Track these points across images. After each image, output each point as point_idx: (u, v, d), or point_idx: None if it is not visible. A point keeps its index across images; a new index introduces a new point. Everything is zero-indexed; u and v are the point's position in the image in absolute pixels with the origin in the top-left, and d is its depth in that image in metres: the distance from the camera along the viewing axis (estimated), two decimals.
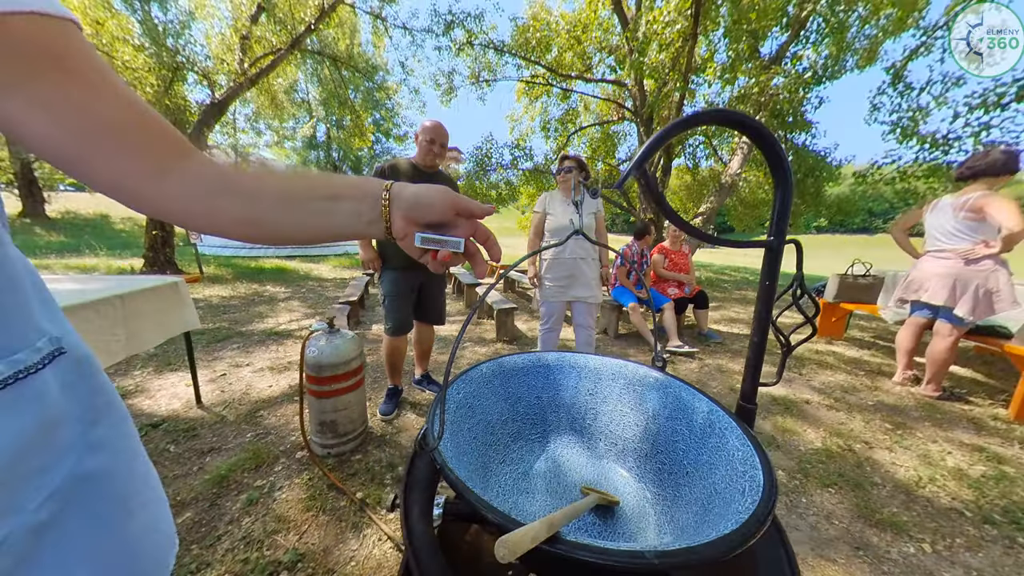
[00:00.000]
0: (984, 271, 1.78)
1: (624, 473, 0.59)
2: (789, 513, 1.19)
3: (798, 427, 1.71)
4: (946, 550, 1.06)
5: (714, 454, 0.47)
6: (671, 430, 0.56)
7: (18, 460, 0.22)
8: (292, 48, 6.94)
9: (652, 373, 0.63)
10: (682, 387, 0.58)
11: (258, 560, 0.96)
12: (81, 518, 0.26)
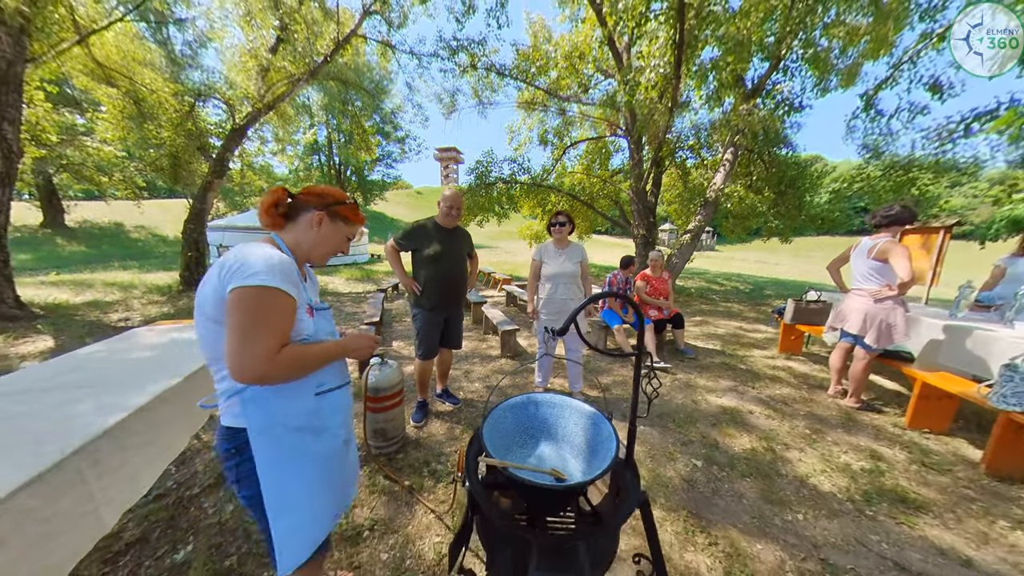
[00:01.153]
0: (886, 308, 2.26)
1: (573, 460, 1.06)
2: (713, 496, 1.68)
3: (736, 432, 2.20)
4: (813, 519, 1.54)
5: (606, 444, 0.94)
6: (593, 435, 1.02)
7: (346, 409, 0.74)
8: (310, 78, 7.45)
9: (587, 408, 1.08)
10: (599, 415, 1.03)
11: (349, 524, 1.45)
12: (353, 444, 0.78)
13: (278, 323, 0.70)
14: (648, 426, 2.26)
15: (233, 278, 0.67)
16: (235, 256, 0.70)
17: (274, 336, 0.69)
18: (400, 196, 43.96)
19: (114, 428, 1.01)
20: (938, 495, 1.69)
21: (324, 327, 0.86)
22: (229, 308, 0.67)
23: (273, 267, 0.70)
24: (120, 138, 8.75)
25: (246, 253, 0.71)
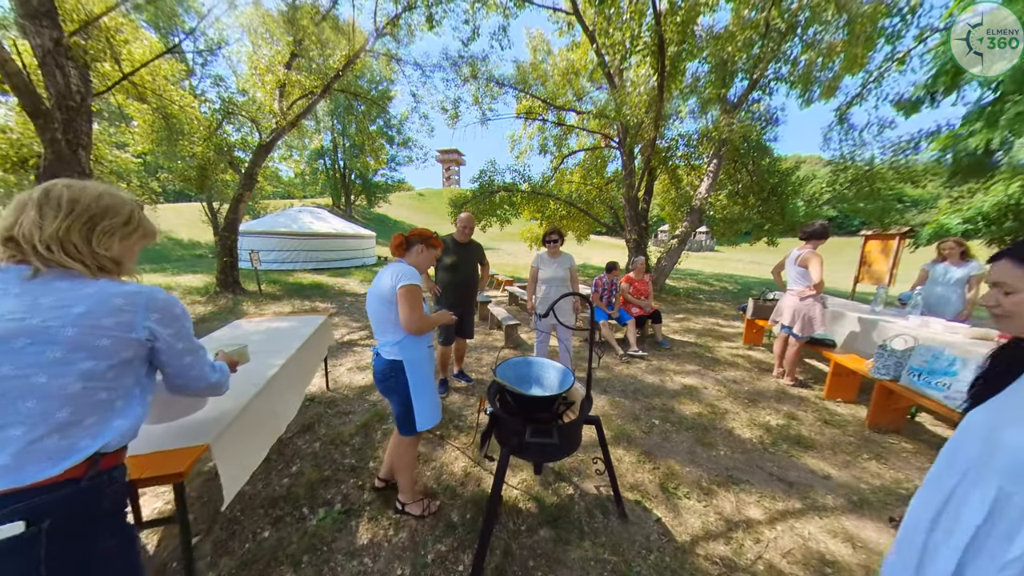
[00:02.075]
0: (808, 305, 2.88)
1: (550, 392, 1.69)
2: (662, 442, 2.29)
3: (690, 402, 2.81)
4: (729, 454, 2.16)
5: (568, 382, 1.55)
6: (562, 379, 1.63)
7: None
8: (324, 93, 8.08)
9: (559, 366, 1.69)
10: (567, 371, 1.65)
11: None
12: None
13: (420, 304, 1.40)
14: (622, 398, 2.87)
15: (401, 281, 1.37)
16: (399, 270, 1.41)
17: (420, 310, 1.39)
18: (403, 199, 44.59)
19: (277, 374, 1.64)
20: (826, 440, 2.31)
21: (427, 308, 1.54)
22: (400, 297, 1.37)
23: (416, 276, 1.42)
24: (149, 150, 9.42)
25: (403, 270, 1.42)
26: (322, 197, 33.03)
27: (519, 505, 1.72)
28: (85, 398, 0.65)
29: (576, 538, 1.55)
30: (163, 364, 0.80)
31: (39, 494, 0.59)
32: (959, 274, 3.09)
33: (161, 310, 0.75)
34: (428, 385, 1.51)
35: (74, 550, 0.61)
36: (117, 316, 0.68)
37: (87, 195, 0.70)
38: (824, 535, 1.61)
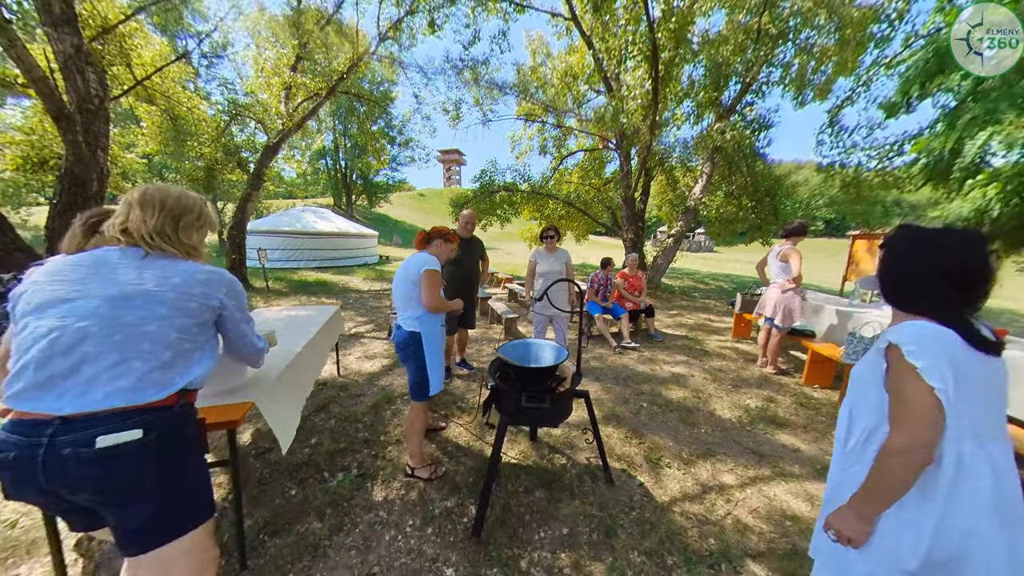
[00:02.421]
0: (788, 297, 3.08)
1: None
2: (649, 421, 2.49)
3: (677, 388, 3.01)
4: (710, 432, 2.35)
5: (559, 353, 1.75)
6: (556, 356, 1.83)
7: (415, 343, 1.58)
8: (329, 95, 8.29)
9: (554, 345, 1.89)
10: (561, 348, 1.85)
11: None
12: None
13: (439, 286, 1.67)
14: (613, 384, 3.07)
15: (424, 266, 1.64)
16: (424, 258, 1.70)
17: (439, 291, 1.67)
18: (403, 198, 44.82)
19: (301, 351, 1.84)
20: (799, 420, 2.51)
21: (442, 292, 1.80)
22: (423, 278, 1.65)
23: (436, 264, 1.69)
24: (157, 150, 9.63)
25: (427, 258, 1.71)
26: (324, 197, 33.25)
27: (517, 471, 1.92)
28: (178, 346, 0.84)
29: (567, 498, 1.75)
30: (226, 329, 1.00)
31: (149, 413, 0.79)
32: None
33: (229, 286, 0.95)
34: (439, 356, 1.77)
35: (171, 459, 0.81)
36: (202, 287, 0.88)
37: (170, 196, 0.91)
38: (788, 496, 1.80)
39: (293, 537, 1.46)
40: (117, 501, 0.76)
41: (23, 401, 0.73)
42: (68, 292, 0.78)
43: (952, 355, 0.67)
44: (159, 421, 0.80)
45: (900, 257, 0.80)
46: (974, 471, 0.68)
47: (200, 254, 0.96)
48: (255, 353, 1.11)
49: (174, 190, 0.93)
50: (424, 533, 1.52)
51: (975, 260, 0.72)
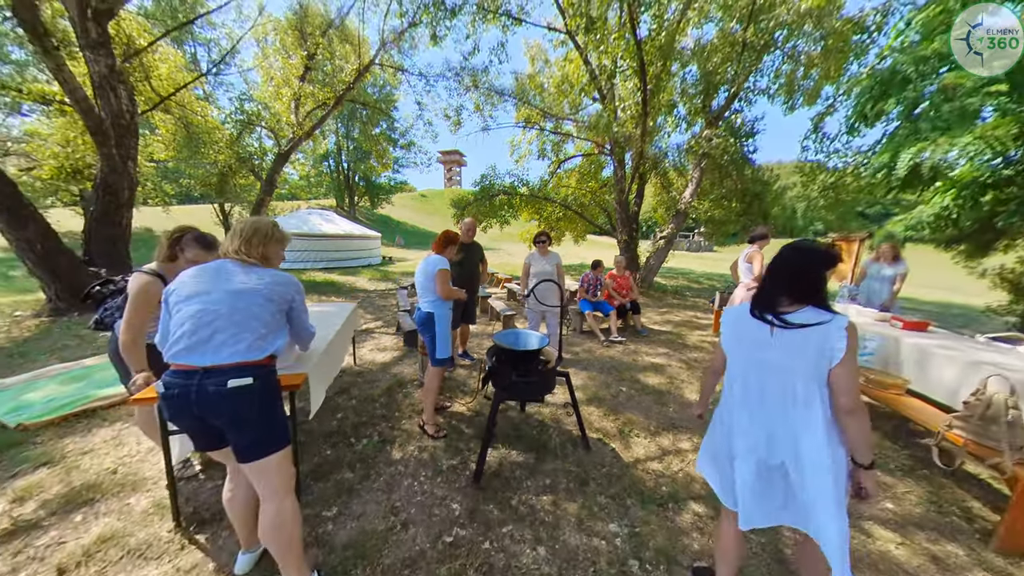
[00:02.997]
0: (751, 294, 3.45)
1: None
2: (627, 403, 2.87)
3: (655, 376, 3.40)
4: (677, 411, 2.74)
5: (542, 341, 2.16)
6: (539, 342, 2.24)
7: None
8: (337, 104, 8.70)
9: (539, 335, 2.29)
10: (544, 337, 2.24)
11: (416, 409, 2.66)
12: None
13: (448, 280, 2.11)
14: (598, 373, 3.46)
15: (439, 265, 2.11)
16: (438, 259, 2.17)
17: (449, 283, 2.11)
18: (405, 200, 45.20)
19: (332, 339, 2.23)
20: None
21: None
22: (437, 275, 2.13)
23: (447, 264, 2.16)
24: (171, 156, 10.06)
25: (440, 259, 2.17)
26: (326, 198, 33.68)
27: (510, 439, 2.32)
28: (270, 324, 1.24)
29: (551, 458, 2.14)
30: (293, 318, 1.39)
31: (255, 368, 1.18)
32: (889, 272, 3.67)
33: (298, 288, 1.35)
34: (447, 331, 2.29)
35: (267, 400, 1.20)
36: (283, 287, 1.28)
37: (262, 226, 1.31)
38: None
39: (332, 483, 1.86)
40: (236, 425, 1.15)
41: (180, 358, 1.12)
42: (205, 287, 1.17)
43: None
44: (261, 374, 1.19)
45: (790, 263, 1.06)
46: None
47: (271, 262, 1.35)
48: (309, 337, 1.51)
49: (249, 221, 1.33)
50: (435, 481, 1.91)
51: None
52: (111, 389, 2.67)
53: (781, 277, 1.08)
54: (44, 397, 2.53)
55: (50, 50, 4.12)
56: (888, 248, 3.72)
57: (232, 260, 1.25)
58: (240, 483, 1.32)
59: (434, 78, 10.18)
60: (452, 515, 1.68)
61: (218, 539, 1.51)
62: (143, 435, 2.07)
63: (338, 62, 10.58)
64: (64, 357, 3.38)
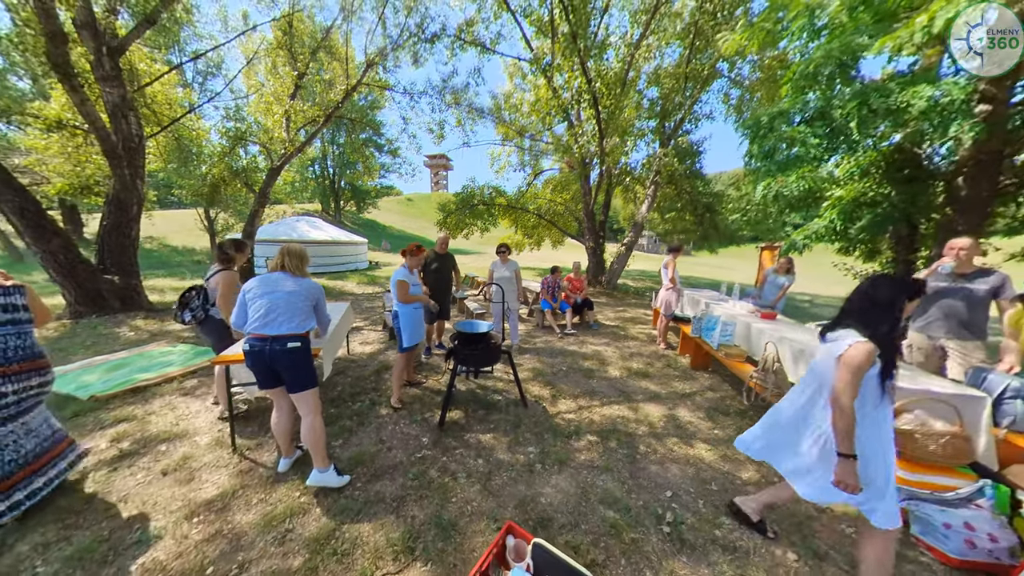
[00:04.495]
0: (668, 294, 4.40)
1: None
2: (563, 377, 3.73)
3: (592, 358, 4.28)
4: (600, 382, 3.62)
5: (489, 326, 3.00)
6: (488, 327, 3.08)
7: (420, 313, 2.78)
8: (326, 122, 9.34)
9: (485, 323, 3.11)
10: (491, 324, 3.09)
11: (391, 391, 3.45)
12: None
13: (405, 289, 2.84)
14: (547, 357, 4.31)
15: (396, 277, 2.82)
16: (397, 272, 2.87)
17: (408, 291, 2.84)
18: (391, 204, 45.50)
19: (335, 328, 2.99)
20: (660, 374, 3.81)
21: (417, 290, 2.96)
22: (395, 284, 2.83)
23: (405, 273, 2.89)
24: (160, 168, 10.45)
25: (398, 271, 2.89)
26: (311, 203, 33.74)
27: (467, 401, 3.13)
28: (307, 312, 2.03)
29: (496, 412, 2.97)
30: (318, 310, 2.18)
31: (301, 338, 1.97)
32: (781, 281, 4.69)
33: (321, 291, 2.15)
34: (411, 326, 2.93)
35: (307, 357, 1.99)
36: (313, 290, 2.08)
37: (302, 253, 2.10)
38: (626, 411, 3.07)
39: (336, 427, 2.63)
40: (291, 370, 1.93)
41: (258, 330, 1.90)
42: (268, 289, 1.95)
43: None
44: (304, 341, 1.98)
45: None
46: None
47: (306, 273, 2.14)
48: (327, 323, 2.30)
49: (294, 249, 2.11)
50: (411, 427, 2.71)
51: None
52: (150, 373, 3.34)
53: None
54: (99, 379, 3.19)
55: (77, 88, 4.72)
56: (784, 262, 4.75)
57: (283, 272, 2.04)
58: (283, 413, 2.09)
59: (418, 95, 10.94)
60: (422, 444, 2.49)
61: (262, 455, 2.27)
62: (191, 401, 2.79)
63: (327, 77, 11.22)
64: (98, 351, 3.99)
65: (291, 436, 2.17)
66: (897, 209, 4.57)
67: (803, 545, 1.73)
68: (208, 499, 1.91)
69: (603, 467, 2.29)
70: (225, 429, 2.43)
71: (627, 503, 1.99)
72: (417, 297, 2.93)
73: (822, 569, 1.62)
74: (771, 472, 2.26)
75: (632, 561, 1.65)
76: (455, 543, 1.71)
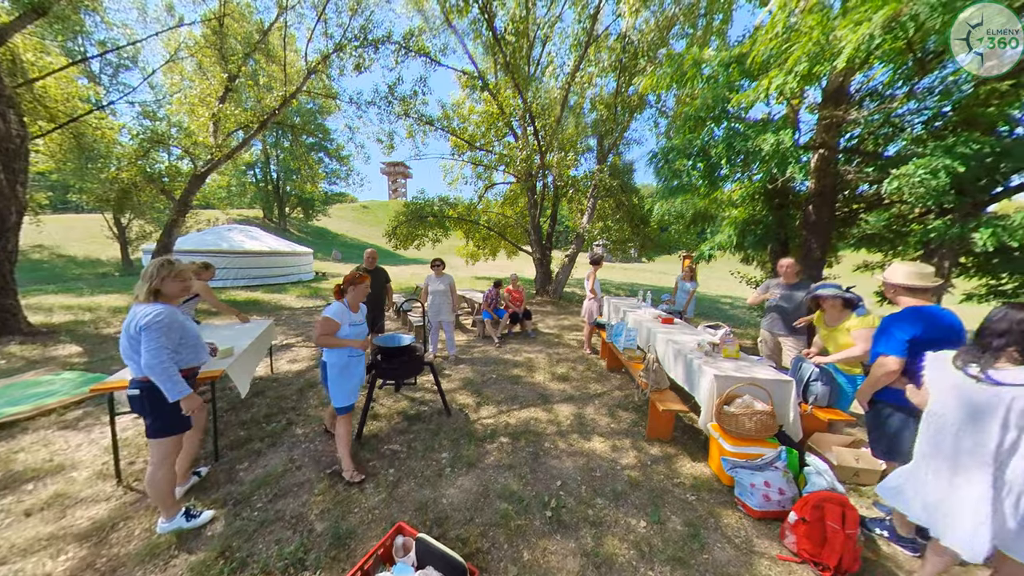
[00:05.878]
0: (589, 303, 4.86)
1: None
2: (491, 384, 3.95)
3: (520, 367, 4.56)
4: (524, 387, 3.89)
5: (408, 340, 3.14)
6: (408, 340, 3.21)
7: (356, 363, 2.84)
8: (260, 129, 8.87)
9: (408, 337, 3.29)
10: (412, 337, 3.26)
11: (323, 400, 3.42)
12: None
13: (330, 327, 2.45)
14: (480, 366, 4.52)
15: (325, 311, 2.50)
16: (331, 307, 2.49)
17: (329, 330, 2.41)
18: (345, 211, 43.33)
19: (247, 348, 2.92)
20: (579, 377, 4.19)
21: (351, 332, 2.31)
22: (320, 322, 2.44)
23: (336, 310, 2.29)
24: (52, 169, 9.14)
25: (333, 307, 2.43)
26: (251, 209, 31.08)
27: (392, 414, 3.21)
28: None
29: (419, 423, 3.09)
30: (143, 350, 2.17)
31: (136, 383, 1.96)
32: (688, 287, 5.37)
33: (145, 317, 2.16)
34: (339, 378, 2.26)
35: (151, 407, 1.86)
36: (134, 320, 2.08)
37: (147, 267, 2.08)
38: (541, 412, 3.36)
39: (244, 451, 2.58)
40: (141, 417, 1.91)
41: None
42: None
43: None
44: (142, 387, 1.97)
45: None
46: None
47: (147, 298, 1.80)
48: (157, 368, 1.69)
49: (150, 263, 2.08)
50: (327, 444, 2.73)
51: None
52: (23, 406, 2.99)
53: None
54: None
55: None
56: (688, 270, 5.46)
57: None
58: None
59: (365, 105, 10.77)
60: (335, 459, 2.53)
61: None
62: (72, 434, 2.57)
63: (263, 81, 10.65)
64: None
65: (188, 462, 2.12)
66: (772, 229, 5.51)
67: (654, 514, 2.09)
68: (80, 533, 1.82)
69: (508, 465, 2.53)
70: (110, 461, 2.28)
71: (521, 495, 2.23)
72: (345, 342, 2.20)
73: (664, 530, 1.98)
74: (645, 456, 2.65)
75: (514, 544, 1.88)
76: (349, 550, 1.82)
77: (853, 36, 2.63)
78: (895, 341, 1.73)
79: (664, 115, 10.40)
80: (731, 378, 2.43)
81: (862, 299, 2.59)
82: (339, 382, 2.26)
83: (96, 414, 3.01)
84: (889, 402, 1.83)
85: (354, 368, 2.33)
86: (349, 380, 2.29)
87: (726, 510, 2.13)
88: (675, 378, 3.11)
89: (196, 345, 1.93)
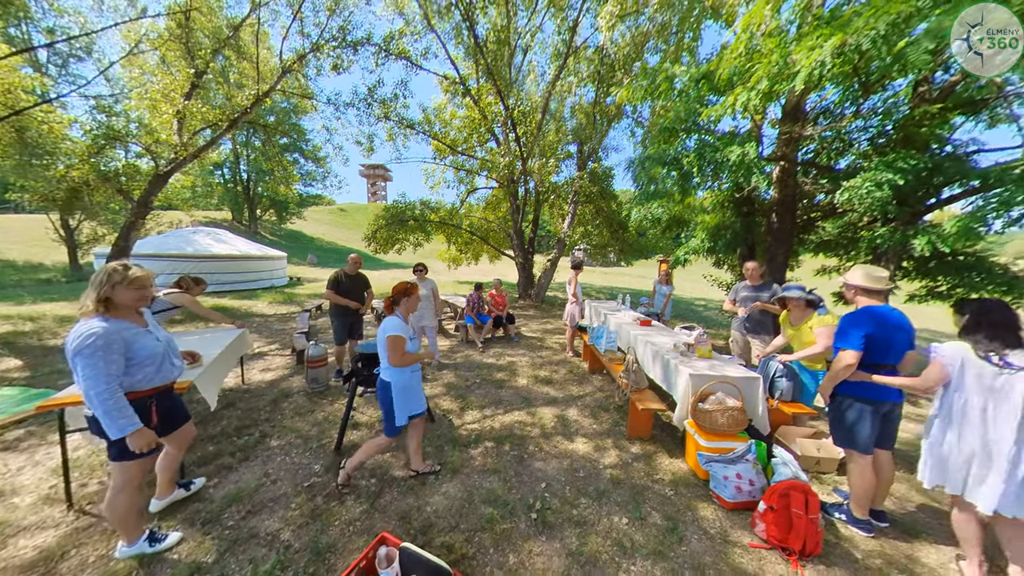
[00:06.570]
0: (571, 306, 4.95)
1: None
2: (475, 389, 3.93)
3: (504, 371, 4.57)
4: (508, 391, 3.90)
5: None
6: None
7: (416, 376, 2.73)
8: (229, 129, 8.49)
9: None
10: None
11: (299, 411, 3.29)
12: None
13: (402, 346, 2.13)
14: (463, 371, 4.49)
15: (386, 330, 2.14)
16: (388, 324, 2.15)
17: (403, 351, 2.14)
18: (321, 214, 41.92)
19: (216, 357, 2.77)
20: (561, 379, 4.25)
21: (412, 347, 2.19)
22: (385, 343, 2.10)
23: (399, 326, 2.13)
24: None
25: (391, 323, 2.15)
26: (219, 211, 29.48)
27: (372, 425, 3.14)
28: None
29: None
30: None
31: None
32: (665, 290, 5.58)
33: (78, 338, 2.04)
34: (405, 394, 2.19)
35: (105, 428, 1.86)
36: (68, 341, 1.97)
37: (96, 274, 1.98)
38: (525, 416, 3.38)
39: (213, 467, 2.44)
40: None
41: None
42: None
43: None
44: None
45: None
46: None
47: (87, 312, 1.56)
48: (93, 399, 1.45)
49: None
50: (303, 455, 2.63)
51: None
52: None
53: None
54: None
55: None
56: (664, 274, 5.68)
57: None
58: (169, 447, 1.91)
59: (344, 107, 10.50)
60: (312, 471, 2.45)
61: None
62: (12, 456, 2.34)
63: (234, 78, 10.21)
64: None
65: (172, 471, 1.98)
66: (740, 235, 5.84)
67: (635, 510, 2.15)
68: (24, 565, 1.65)
69: (493, 470, 2.52)
70: (59, 484, 2.10)
71: (506, 499, 2.24)
72: (416, 356, 2.19)
73: (645, 525, 2.04)
74: (627, 455, 2.73)
75: (500, 548, 1.88)
76: (329, 564, 1.76)
77: (807, 60, 2.87)
78: (852, 337, 1.89)
79: (640, 125, 10.83)
80: (705, 376, 2.55)
81: (823, 300, 2.81)
82: (403, 400, 2.19)
83: (41, 434, 2.75)
84: (848, 394, 1.99)
85: (416, 383, 2.29)
86: (412, 396, 2.25)
87: (702, 503, 2.22)
88: (654, 378, 3.23)
89: (157, 360, 1.70)
